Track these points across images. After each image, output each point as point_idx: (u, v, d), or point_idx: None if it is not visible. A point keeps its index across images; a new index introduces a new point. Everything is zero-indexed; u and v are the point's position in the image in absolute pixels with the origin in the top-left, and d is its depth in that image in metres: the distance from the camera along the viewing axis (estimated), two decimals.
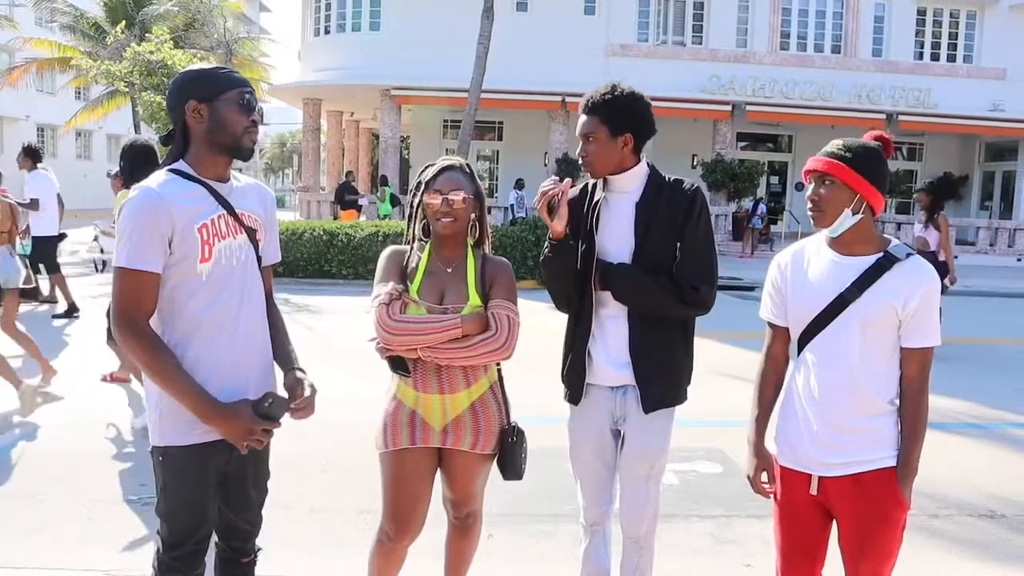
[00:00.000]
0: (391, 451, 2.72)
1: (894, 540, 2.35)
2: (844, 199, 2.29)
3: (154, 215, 2.14)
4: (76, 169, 39.26)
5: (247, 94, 2.31)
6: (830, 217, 2.32)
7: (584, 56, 22.96)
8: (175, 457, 2.26)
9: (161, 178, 2.24)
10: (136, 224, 2.13)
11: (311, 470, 4.89)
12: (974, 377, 7.98)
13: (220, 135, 2.28)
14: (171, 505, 2.30)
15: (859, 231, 2.32)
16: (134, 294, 2.14)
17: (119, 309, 2.15)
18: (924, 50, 25.15)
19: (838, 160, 2.29)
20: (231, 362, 2.30)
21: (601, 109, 2.66)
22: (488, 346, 2.61)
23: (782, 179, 28.00)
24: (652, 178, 2.74)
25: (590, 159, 2.69)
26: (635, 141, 2.69)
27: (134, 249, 2.13)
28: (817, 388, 2.37)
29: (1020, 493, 4.90)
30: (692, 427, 5.57)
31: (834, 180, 2.29)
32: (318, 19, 25.68)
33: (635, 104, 2.69)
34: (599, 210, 2.74)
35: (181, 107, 2.28)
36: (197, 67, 2.37)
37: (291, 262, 13.90)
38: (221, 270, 2.27)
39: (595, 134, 2.66)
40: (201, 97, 2.26)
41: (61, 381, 6.29)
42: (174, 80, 2.35)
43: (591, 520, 2.89)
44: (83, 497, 4.34)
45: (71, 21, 24.28)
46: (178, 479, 2.28)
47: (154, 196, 2.16)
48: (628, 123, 2.67)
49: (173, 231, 2.16)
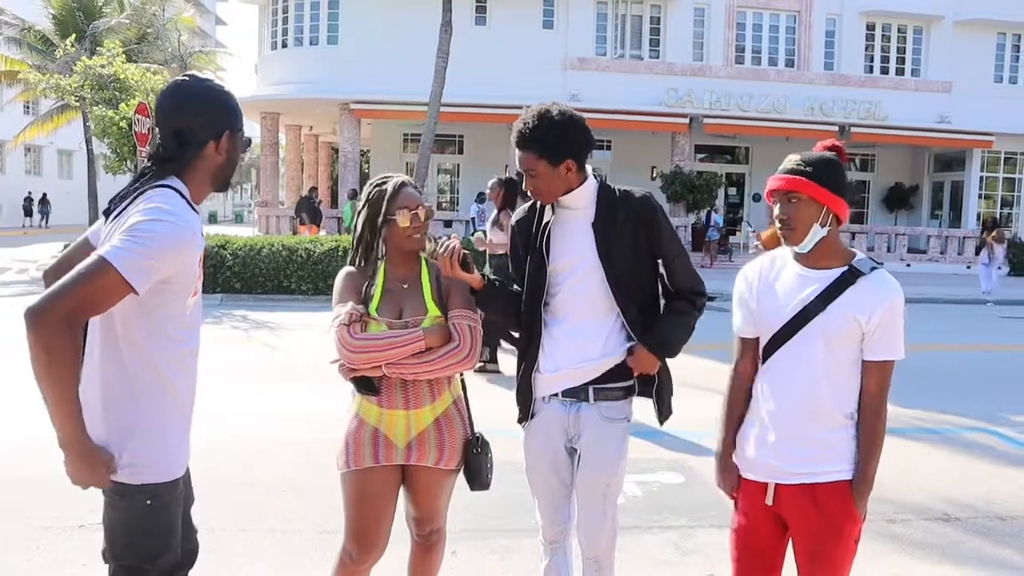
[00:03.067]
0: (353, 470, 2.68)
1: (846, 553, 2.36)
2: (812, 214, 2.30)
3: (177, 249, 1.98)
4: (25, 185, 38.38)
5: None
6: (800, 234, 2.32)
7: (543, 70, 23.10)
8: (162, 495, 2.10)
9: (184, 205, 2.05)
10: (160, 248, 1.94)
11: (269, 490, 4.80)
12: (925, 383, 8.15)
13: (227, 172, 2.19)
14: (158, 545, 2.11)
15: (826, 244, 2.33)
16: (103, 295, 1.90)
17: (74, 300, 1.86)
18: (874, 64, 25.77)
19: (800, 176, 2.30)
20: (192, 396, 2.23)
21: (535, 144, 2.60)
22: (453, 357, 2.61)
23: (739, 190, 28.42)
24: (603, 193, 2.73)
25: (537, 192, 2.68)
26: (577, 163, 2.66)
27: (139, 264, 1.91)
28: (778, 399, 2.39)
29: (973, 496, 5.00)
30: (654, 438, 5.60)
31: (800, 196, 2.30)
32: (275, 32, 25.47)
33: (568, 129, 2.62)
34: (550, 229, 2.74)
35: (215, 132, 2.12)
36: (224, 88, 2.19)
37: (249, 278, 13.72)
38: (197, 304, 2.19)
39: (536, 169, 2.62)
40: (234, 130, 2.15)
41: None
42: (203, 96, 2.14)
43: (550, 539, 2.87)
44: (30, 524, 4.20)
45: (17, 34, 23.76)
46: (167, 516, 2.13)
47: (189, 233, 2.00)
48: (566, 150, 2.61)
49: (184, 266, 2.03)
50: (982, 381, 8.73)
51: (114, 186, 18.24)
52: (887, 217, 28.33)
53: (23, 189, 37.98)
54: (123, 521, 2.10)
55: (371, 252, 2.71)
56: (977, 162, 26.46)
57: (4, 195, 36.80)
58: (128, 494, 2.08)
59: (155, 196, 2.03)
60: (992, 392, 8.10)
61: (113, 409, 2.06)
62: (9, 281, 15.83)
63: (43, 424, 2.05)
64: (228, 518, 4.22)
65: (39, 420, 2.16)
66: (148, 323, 2.05)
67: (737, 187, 28.49)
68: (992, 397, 7.82)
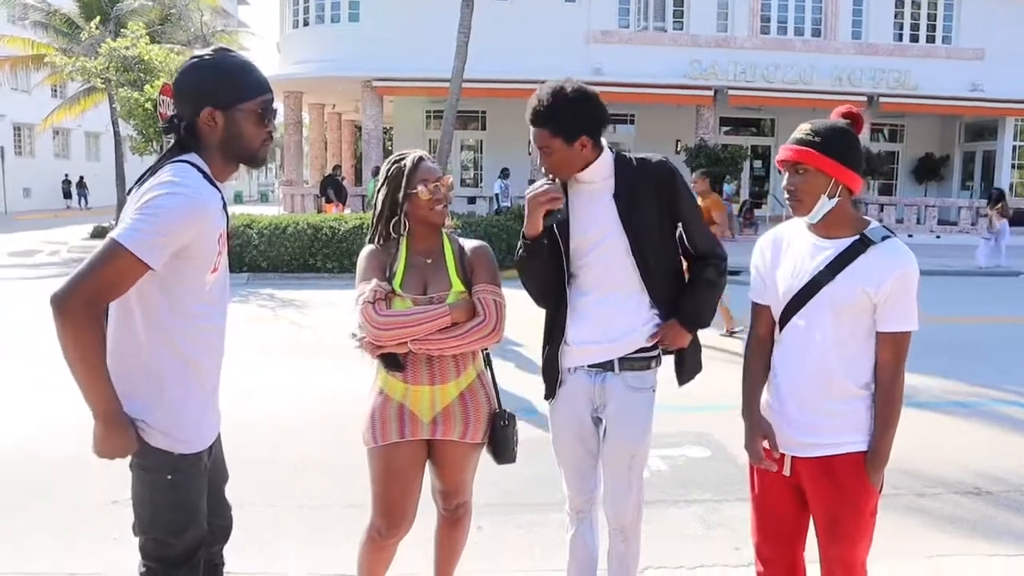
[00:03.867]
0: (380, 446, 2.69)
1: (863, 526, 2.34)
2: (820, 185, 2.26)
3: (186, 220, 1.97)
4: (55, 168, 38.84)
5: (267, 104, 2.14)
6: (808, 205, 2.29)
7: (566, 44, 22.87)
8: (183, 469, 2.11)
9: (197, 177, 2.05)
10: (167, 221, 1.94)
11: (296, 467, 4.86)
12: (955, 356, 8.04)
13: (235, 147, 2.13)
14: (183, 521, 2.13)
15: (837, 213, 2.29)
16: (120, 277, 1.93)
17: (93, 285, 1.91)
18: (903, 32, 25.21)
19: (807, 147, 2.25)
20: (217, 373, 2.24)
21: (550, 121, 2.57)
22: (479, 332, 2.61)
23: (765, 163, 28.06)
24: (620, 164, 2.70)
25: (553, 170, 2.65)
26: (592, 139, 2.63)
27: (150, 240, 1.92)
28: (791, 369, 2.38)
29: (1004, 469, 4.94)
30: (680, 412, 5.58)
31: (807, 168, 2.26)
32: (296, 11, 25.44)
33: (582, 106, 2.59)
34: (569, 204, 2.71)
35: (194, 108, 2.09)
36: (215, 61, 2.12)
37: (275, 257, 13.82)
38: (219, 282, 2.18)
39: (551, 147, 2.59)
40: (218, 105, 2.08)
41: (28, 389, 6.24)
42: (187, 72, 2.12)
43: (576, 508, 2.88)
44: (61, 503, 4.29)
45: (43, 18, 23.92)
46: (190, 491, 2.14)
47: (196, 203, 1.99)
48: (581, 127, 2.59)
49: (200, 239, 2.02)
50: (1013, 353, 8.59)
51: (141, 167, 18.33)
52: (917, 189, 27.87)
53: (53, 172, 38.46)
54: (148, 495, 2.13)
55: (393, 228, 2.71)
56: (1010, 131, 25.86)
57: (34, 178, 37.27)
58: (149, 468, 2.11)
59: (168, 170, 2.04)
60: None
61: (131, 383, 2.07)
62: (41, 263, 16.08)
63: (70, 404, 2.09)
64: (256, 495, 4.27)
65: (66, 400, 2.19)
66: (166, 299, 2.06)
67: (763, 160, 28.15)
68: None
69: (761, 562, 2.53)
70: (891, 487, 3.82)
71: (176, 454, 2.10)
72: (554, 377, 2.80)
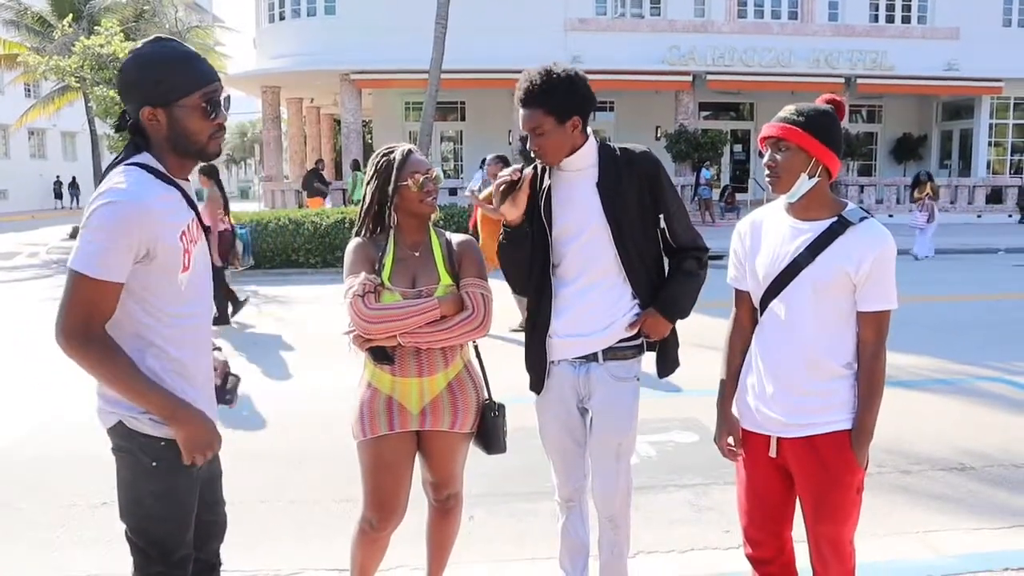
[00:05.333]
0: (370, 439, 2.70)
1: (849, 503, 2.37)
2: (800, 163, 2.30)
3: (130, 226, 1.92)
4: (31, 168, 38.37)
5: (210, 96, 2.05)
6: (787, 183, 2.32)
7: (543, 32, 22.82)
8: (172, 456, 2.07)
9: (139, 179, 1.98)
10: (109, 233, 1.91)
11: (287, 462, 4.86)
12: (939, 333, 8.13)
13: (182, 143, 2.06)
14: (165, 509, 2.10)
15: (815, 196, 2.33)
16: (94, 302, 1.93)
17: (74, 318, 1.92)
18: (879, 13, 25.34)
19: (792, 125, 2.30)
20: (205, 367, 2.22)
21: (542, 100, 2.58)
22: (467, 326, 2.62)
23: (745, 147, 28.16)
24: (604, 153, 2.72)
25: (543, 152, 2.66)
26: (583, 121, 2.65)
27: (102, 258, 1.91)
28: (774, 351, 2.40)
29: (989, 445, 5.01)
30: (667, 397, 5.62)
31: (789, 145, 2.30)
32: (272, 4, 25.22)
33: (574, 85, 2.62)
34: (552, 191, 2.72)
35: (135, 107, 2.03)
36: (152, 56, 2.02)
37: (258, 253, 13.70)
38: (196, 278, 2.13)
39: (542, 127, 2.60)
40: (157, 103, 2.01)
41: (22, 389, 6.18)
42: (126, 69, 2.04)
43: (565, 497, 2.90)
44: (57, 502, 4.27)
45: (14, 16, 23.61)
46: (176, 482, 2.11)
47: (135, 206, 1.93)
48: (573, 106, 2.61)
49: (156, 240, 1.97)
50: (997, 330, 8.68)
51: None
52: (896, 169, 28.06)
53: (29, 173, 38.02)
54: (131, 480, 2.11)
55: (381, 221, 2.71)
56: (986, 109, 26.10)
57: (10, 179, 36.81)
58: (133, 452, 2.08)
59: (111, 177, 2.00)
60: (1007, 341, 8.06)
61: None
62: (20, 265, 15.92)
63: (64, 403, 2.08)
64: (247, 491, 4.26)
65: (60, 399, 2.18)
66: (139, 306, 2.03)
67: (743, 144, 28.24)
68: (1008, 346, 7.78)
69: (749, 544, 2.56)
70: (876, 465, 3.87)
71: (162, 442, 2.06)
72: (540, 369, 2.81)
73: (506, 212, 2.66)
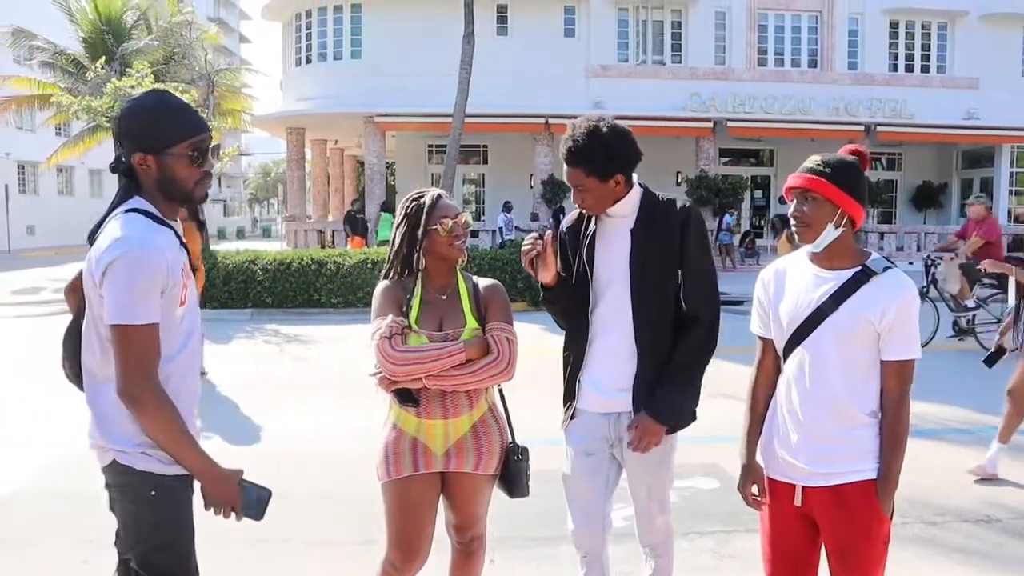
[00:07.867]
0: (394, 480, 2.72)
1: (876, 553, 2.35)
2: (827, 214, 2.33)
3: (152, 271, 2.06)
4: (59, 205, 39.06)
5: (198, 145, 2.17)
6: (814, 232, 2.35)
7: (565, 78, 23.17)
8: (170, 484, 2.16)
9: (141, 226, 2.11)
10: (138, 282, 2.04)
11: (309, 502, 4.86)
12: (962, 382, 8.04)
13: (170, 188, 2.18)
14: (167, 538, 2.17)
15: (839, 245, 2.36)
16: (144, 347, 2.06)
17: (142, 367, 2.05)
18: (898, 62, 25.54)
19: (819, 176, 2.33)
20: (194, 401, 2.30)
21: (585, 162, 2.62)
22: (492, 370, 2.65)
23: (765, 193, 28.23)
24: (645, 201, 2.76)
25: (587, 206, 2.72)
26: (626, 177, 2.69)
27: (138, 305, 2.04)
28: (798, 400, 2.41)
29: (1012, 497, 4.94)
30: (689, 443, 5.56)
31: (816, 196, 2.33)
32: (299, 49, 25.81)
33: (618, 144, 2.64)
34: (595, 236, 2.78)
35: (128, 152, 2.15)
36: (147, 106, 2.17)
37: (280, 292, 13.87)
38: (190, 313, 2.24)
39: (584, 184, 2.65)
40: (148, 149, 2.13)
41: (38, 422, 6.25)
42: (123, 116, 2.17)
43: (583, 549, 2.88)
44: (77, 537, 4.29)
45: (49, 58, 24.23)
46: (176, 511, 2.18)
47: (151, 252, 2.07)
48: (615, 166, 2.64)
49: (167, 278, 2.10)
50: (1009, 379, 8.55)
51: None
52: (916, 216, 28.00)
53: (57, 209, 38.67)
54: (132, 509, 2.17)
55: (410, 264, 2.76)
56: (1007, 157, 26.11)
57: (38, 216, 37.49)
58: (133, 486, 2.15)
59: (115, 226, 2.11)
60: None
61: (115, 407, 2.12)
62: (46, 300, 16.14)
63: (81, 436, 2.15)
64: (268, 530, 4.27)
65: (83, 434, 2.24)
66: None
67: (763, 189, 28.31)
68: None
69: None
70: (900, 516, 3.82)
71: (157, 473, 2.15)
72: (570, 397, 2.86)
73: (541, 278, 2.71)
